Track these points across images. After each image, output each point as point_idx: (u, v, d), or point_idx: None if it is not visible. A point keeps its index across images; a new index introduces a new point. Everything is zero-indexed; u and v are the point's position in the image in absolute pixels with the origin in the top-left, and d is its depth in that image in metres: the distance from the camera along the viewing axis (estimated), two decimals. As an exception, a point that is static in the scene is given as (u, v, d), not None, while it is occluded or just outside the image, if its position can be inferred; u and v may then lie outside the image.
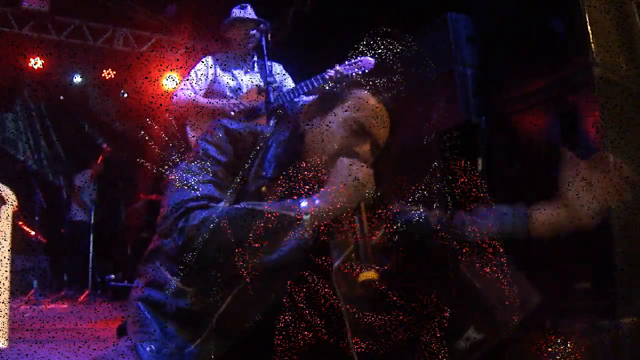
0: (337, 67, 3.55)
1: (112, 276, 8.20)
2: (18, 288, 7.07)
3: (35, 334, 3.89)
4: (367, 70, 3.56)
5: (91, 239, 7.70)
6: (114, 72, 9.12)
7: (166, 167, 1.49)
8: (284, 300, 1.42)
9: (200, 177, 1.41)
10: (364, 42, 3.45)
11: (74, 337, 3.79)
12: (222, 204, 1.38)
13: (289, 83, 3.92)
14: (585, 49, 2.73)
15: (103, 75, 9.17)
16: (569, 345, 2.04)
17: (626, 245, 2.46)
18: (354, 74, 3.55)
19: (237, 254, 1.28)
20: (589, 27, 2.73)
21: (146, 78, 8.84)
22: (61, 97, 9.52)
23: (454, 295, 1.55)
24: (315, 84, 3.63)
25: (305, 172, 1.45)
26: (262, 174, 1.49)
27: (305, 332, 1.40)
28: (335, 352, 1.41)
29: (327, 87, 3.57)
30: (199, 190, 1.38)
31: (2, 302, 3.16)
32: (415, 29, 3.86)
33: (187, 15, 8.09)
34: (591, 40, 2.72)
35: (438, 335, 1.46)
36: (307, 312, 1.42)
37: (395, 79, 1.59)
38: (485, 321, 1.61)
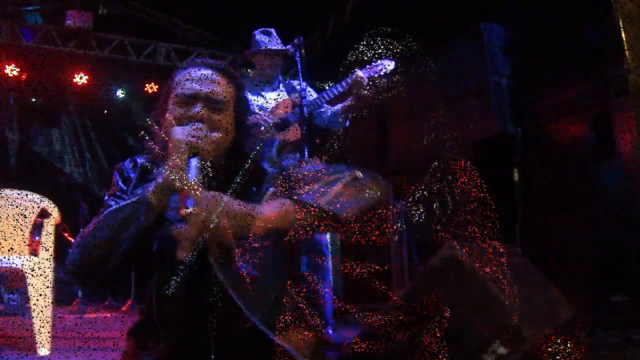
0: (358, 72, 3.58)
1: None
2: (63, 298, 7.27)
3: (78, 342, 3.98)
4: (387, 72, 3.58)
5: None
6: (157, 87, 9.31)
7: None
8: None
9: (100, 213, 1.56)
10: (398, 53, 3.47)
11: (116, 346, 3.86)
12: None
13: (313, 96, 3.96)
14: (620, 57, 2.70)
15: (145, 89, 9.38)
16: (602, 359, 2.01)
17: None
18: (375, 76, 3.57)
19: (112, 250, 1.41)
20: (623, 35, 2.70)
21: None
22: (105, 112, 9.75)
23: None
24: (340, 89, 3.66)
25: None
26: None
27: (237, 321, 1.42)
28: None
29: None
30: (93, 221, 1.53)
31: (46, 311, 3.27)
32: (450, 39, 3.87)
33: (227, 30, 8.22)
34: (626, 48, 2.69)
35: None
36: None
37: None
38: (511, 335, 1.60)
